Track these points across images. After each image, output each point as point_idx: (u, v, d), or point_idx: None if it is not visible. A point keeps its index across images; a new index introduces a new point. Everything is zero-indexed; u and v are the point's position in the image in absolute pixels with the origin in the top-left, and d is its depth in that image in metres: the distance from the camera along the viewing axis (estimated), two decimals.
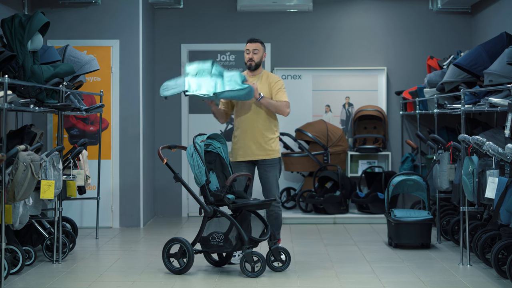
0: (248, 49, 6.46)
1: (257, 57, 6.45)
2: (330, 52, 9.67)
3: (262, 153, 6.37)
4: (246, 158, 6.39)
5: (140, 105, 8.61)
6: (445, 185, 7.19)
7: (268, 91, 6.41)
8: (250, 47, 6.45)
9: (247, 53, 6.46)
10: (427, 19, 9.60)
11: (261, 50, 6.47)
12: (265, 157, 6.37)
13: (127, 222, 8.58)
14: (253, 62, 6.45)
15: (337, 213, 8.91)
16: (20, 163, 5.60)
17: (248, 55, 6.46)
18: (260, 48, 6.46)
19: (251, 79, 6.46)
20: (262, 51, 6.48)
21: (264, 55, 6.51)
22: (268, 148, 6.37)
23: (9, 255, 5.86)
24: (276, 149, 6.43)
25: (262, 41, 6.52)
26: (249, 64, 6.46)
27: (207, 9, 9.63)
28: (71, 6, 8.61)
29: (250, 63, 6.45)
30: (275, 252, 6.11)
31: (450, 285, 5.66)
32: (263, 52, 6.50)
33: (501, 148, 5.47)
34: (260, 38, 6.57)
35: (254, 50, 6.44)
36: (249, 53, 6.45)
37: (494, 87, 6.12)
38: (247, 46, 6.48)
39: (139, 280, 5.86)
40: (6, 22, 6.25)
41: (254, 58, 6.44)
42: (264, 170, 6.41)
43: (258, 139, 6.36)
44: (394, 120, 9.58)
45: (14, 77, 6.22)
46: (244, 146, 6.40)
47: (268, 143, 6.37)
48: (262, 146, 6.36)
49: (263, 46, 6.50)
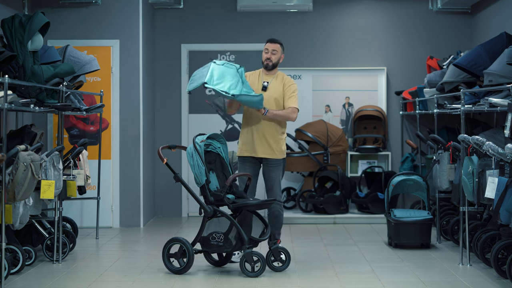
0: (267, 48, 6.43)
1: (275, 58, 6.43)
2: (330, 52, 9.67)
3: (268, 151, 6.36)
4: (252, 154, 6.39)
5: (140, 105, 8.62)
6: (445, 185, 7.19)
7: (282, 92, 6.40)
8: (270, 47, 6.43)
9: (265, 53, 6.43)
10: (427, 19, 9.60)
11: (279, 51, 6.44)
12: (270, 156, 6.37)
13: (127, 222, 8.59)
14: (270, 62, 6.43)
15: (337, 213, 8.92)
16: (20, 163, 5.60)
17: (266, 55, 6.43)
18: (279, 50, 6.44)
19: (266, 77, 6.46)
20: (281, 53, 6.46)
21: (282, 57, 6.48)
22: (274, 148, 6.36)
23: (9, 255, 5.86)
24: (282, 149, 6.41)
25: (281, 43, 6.51)
26: (266, 63, 6.43)
27: (207, 9, 9.64)
28: (71, 6, 8.62)
29: (268, 63, 6.43)
30: (275, 252, 6.11)
31: (450, 285, 5.66)
32: (281, 54, 6.47)
33: (501, 148, 5.47)
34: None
35: (273, 51, 6.42)
36: (268, 53, 6.43)
37: (494, 87, 6.12)
38: (267, 45, 6.45)
39: (139, 280, 5.87)
40: (6, 22, 6.25)
41: (272, 59, 6.42)
42: (268, 169, 6.41)
43: (265, 137, 6.34)
44: (394, 120, 9.59)
45: (14, 77, 6.23)
46: (250, 142, 6.37)
47: (274, 142, 6.36)
48: (268, 145, 6.35)
49: (282, 47, 6.49)
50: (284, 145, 6.46)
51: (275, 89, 6.39)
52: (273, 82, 6.41)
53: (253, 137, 6.37)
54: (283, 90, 6.40)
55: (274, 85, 6.40)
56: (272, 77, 6.46)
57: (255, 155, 6.38)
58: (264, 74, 6.49)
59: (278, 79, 6.44)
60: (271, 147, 6.36)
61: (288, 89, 6.40)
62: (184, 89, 9.56)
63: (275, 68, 6.47)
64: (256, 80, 6.47)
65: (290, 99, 6.39)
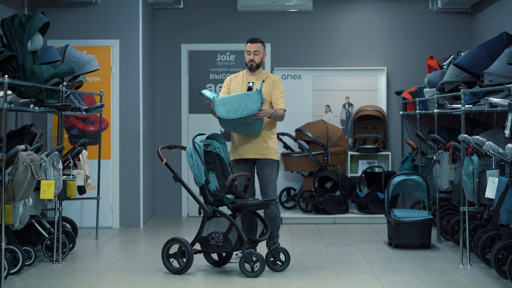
0: (249, 50, 6.44)
1: (258, 58, 6.44)
2: (330, 52, 9.67)
3: (258, 152, 6.35)
4: (242, 156, 6.38)
5: (140, 105, 8.61)
6: (445, 185, 7.19)
7: (269, 89, 6.40)
8: (251, 48, 6.43)
9: (248, 54, 6.45)
10: (427, 19, 9.60)
11: (261, 50, 6.46)
12: (261, 157, 6.36)
13: (127, 222, 8.58)
14: (254, 63, 6.44)
15: (337, 213, 8.91)
16: (20, 163, 5.60)
17: (249, 56, 6.44)
18: (260, 49, 6.45)
19: (250, 78, 6.47)
20: (263, 51, 6.47)
21: (264, 55, 6.50)
22: (264, 147, 6.34)
23: (9, 255, 5.86)
24: (272, 148, 6.39)
25: (262, 41, 6.50)
26: (250, 65, 6.45)
27: (207, 9, 9.63)
28: (71, 6, 8.62)
29: (252, 64, 6.44)
30: (275, 252, 6.11)
31: (450, 285, 5.66)
32: (264, 52, 6.49)
33: (501, 148, 5.47)
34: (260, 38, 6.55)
35: (255, 52, 6.43)
36: (250, 54, 6.43)
37: (494, 87, 6.11)
38: (248, 47, 6.46)
39: (139, 280, 5.86)
40: (6, 22, 6.25)
41: (255, 60, 6.43)
42: (260, 169, 6.40)
43: (255, 138, 6.34)
44: (394, 120, 9.58)
45: (14, 77, 6.22)
46: (241, 144, 6.38)
47: (265, 142, 6.35)
48: (258, 145, 6.34)
49: (263, 46, 6.49)
50: (275, 145, 6.43)
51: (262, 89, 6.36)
52: (257, 82, 6.42)
53: (242, 139, 6.37)
54: (270, 88, 6.40)
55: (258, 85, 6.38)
56: (256, 77, 6.47)
57: (245, 156, 6.37)
58: (248, 74, 6.50)
59: (263, 78, 6.43)
60: (260, 147, 6.34)
61: (276, 88, 6.40)
62: (184, 89, 9.56)
63: (258, 68, 6.49)
64: (240, 82, 6.48)
65: (279, 99, 6.39)
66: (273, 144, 6.41)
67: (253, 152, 6.36)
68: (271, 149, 6.38)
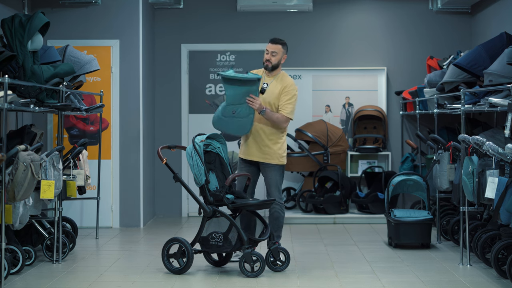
0: (268, 50, 6.33)
1: (274, 59, 6.32)
2: (330, 52, 9.67)
3: (261, 156, 6.31)
4: (247, 157, 6.37)
5: (140, 105, 8.62)
6: (445, 185, 7.19)
7: (277, 95, 6.28)
8: (270, 48, 6.33)
9: (265, 54, 6.35)
10: (427, 19, 9.60)
11: (280, 52, 6.32)
12: (263, 161, 6.32)
13: (127, 222, 8.58)
14: (269, 64, 6.33)
15: (337, 213, 8.91)
16: (20, 163, 5.60)
17: (266, 56, 6.34)
18: (279, 51, 6.32)
19: (267, 78, 6.38)
20: (282, 54, 6.34)
21: (284, 57, 6.38)
22: (266, 152, 6.28)
23: (9, 255, 5.86)
24: (277, 153, 6.29)
25: (284, 42, 6.39)
26: (266, 65, 6.35)
27: (207, 9, 9.63)
28: (71, 6, 8.62)
29: (267, 64, 6.34)
30: (275, 252, 6.11)
31: (450, 285, 5.66)
32: (283, 55, 6.36)
33: (501, 148, 5.47)
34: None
35: (273, 52, 6.31)
36: (268, 54, 6.34)
37: (494, 87, 6.11)
38: (268, 46, 6.35)
39: (139, 280, 5.87)
40: (6, 22, 6.25)
41: (271, 60, 6.32)
42: (264, 171, 6.39)
43: (260, 141, 6.29)
44: (394, 120, 9.59)
45: (14, 77, 6.22)
46: (248, 146, 6.36)
47: (269, 147, 6.28)
48: (262, 149, 6.30)
49: (284, 48, 6.36)
50: (282, 149, 6.33)
51: (272, 92, 6.29)
52: (272, 84, 6.32)
53: (248, 140, 6.35)
54: (279, 93, 6.28)
55: (272, 88, 6.30)
56: (273, 78, 6.38)
57: (249, 158, 6.36)
58: (266, 75, 6.41)
59: (278, 81, 6.34)
60: (263, 151, 6.29)
61: (285, 93, 6.27)
62: (184, 89, 9.56)
63: (275, 69, 6.37)
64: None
65: (285, 106, 6.25)
66: (277, 149, 6.30)
67: (257, 155, 6.32)
68: (274, 153, 6.29)
